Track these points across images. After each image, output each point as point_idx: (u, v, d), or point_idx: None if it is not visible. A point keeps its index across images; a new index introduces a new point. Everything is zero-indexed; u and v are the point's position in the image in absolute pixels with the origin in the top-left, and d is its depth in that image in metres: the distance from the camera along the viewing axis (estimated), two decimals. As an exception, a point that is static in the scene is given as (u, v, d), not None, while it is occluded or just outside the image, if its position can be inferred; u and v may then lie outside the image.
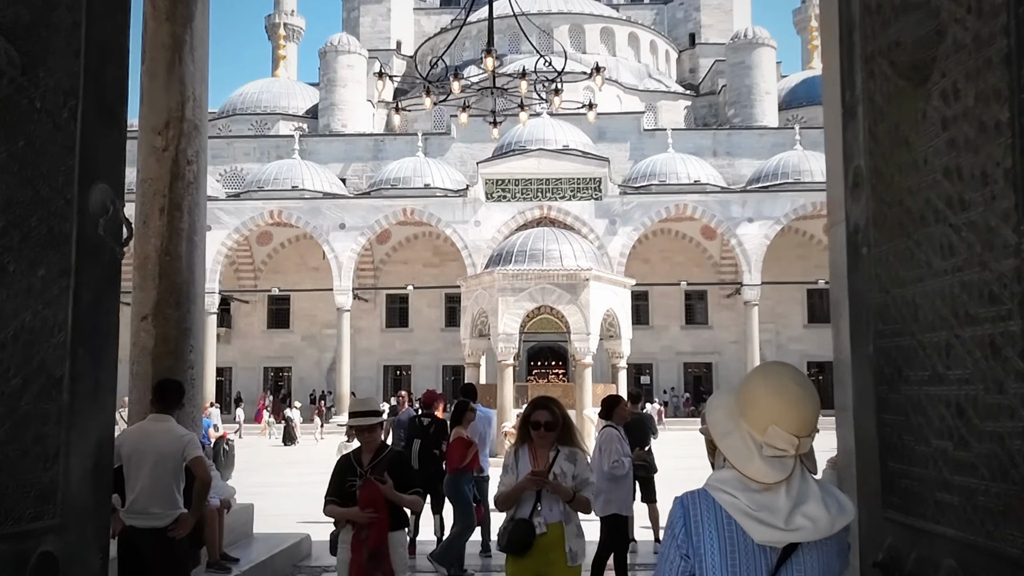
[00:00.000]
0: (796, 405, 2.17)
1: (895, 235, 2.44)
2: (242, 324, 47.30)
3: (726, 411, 2.28)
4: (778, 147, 46.44)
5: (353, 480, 5.14)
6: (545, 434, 4.77)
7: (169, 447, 5.49)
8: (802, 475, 2.19)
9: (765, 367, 2.30)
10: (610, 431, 8.07)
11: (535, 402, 4.99)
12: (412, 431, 9.46)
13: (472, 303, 23.81)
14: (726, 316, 46.08)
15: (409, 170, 43.87)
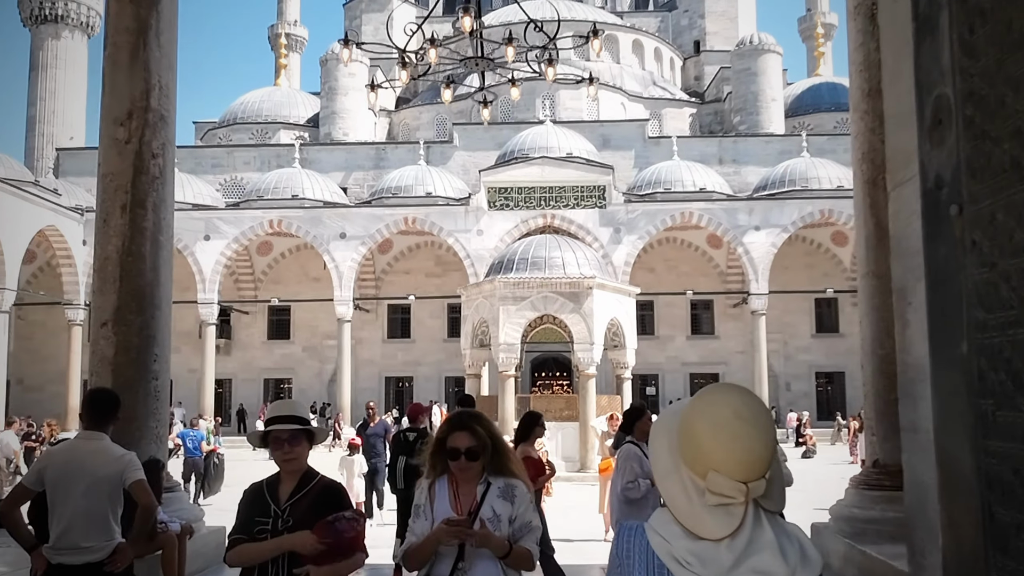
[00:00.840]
0: (741, 446, 1.74)
1: (1006, 183, 1.74)
2: (242, 335, 46.71)
3: (667, 445, 1.86)
4: (785, 154, 45.84)
5: (264, 524, 3.73)
6: (467, 464, 3.59)
7: (104, 469, 4.77)
8: (755, 519, 1.77)
9: (704, 395, 1.83)
10: (629, 447, 7.23)
11: (451, 420, 3.75)
12: (397, 447, 8.77)
13: (472, 312, 23.18)
14: (733, 326, 45.39)
15: (411, 178, 43.32)
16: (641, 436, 7.34)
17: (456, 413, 3.81)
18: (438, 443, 3.68)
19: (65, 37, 51.82)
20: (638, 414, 7.57)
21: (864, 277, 6.97)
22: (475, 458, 3.58)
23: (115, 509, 4.83)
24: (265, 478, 3.97)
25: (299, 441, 3.84)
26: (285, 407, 3.97)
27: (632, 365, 23.59)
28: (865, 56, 7.00)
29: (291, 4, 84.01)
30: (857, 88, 7.09)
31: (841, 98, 53.44)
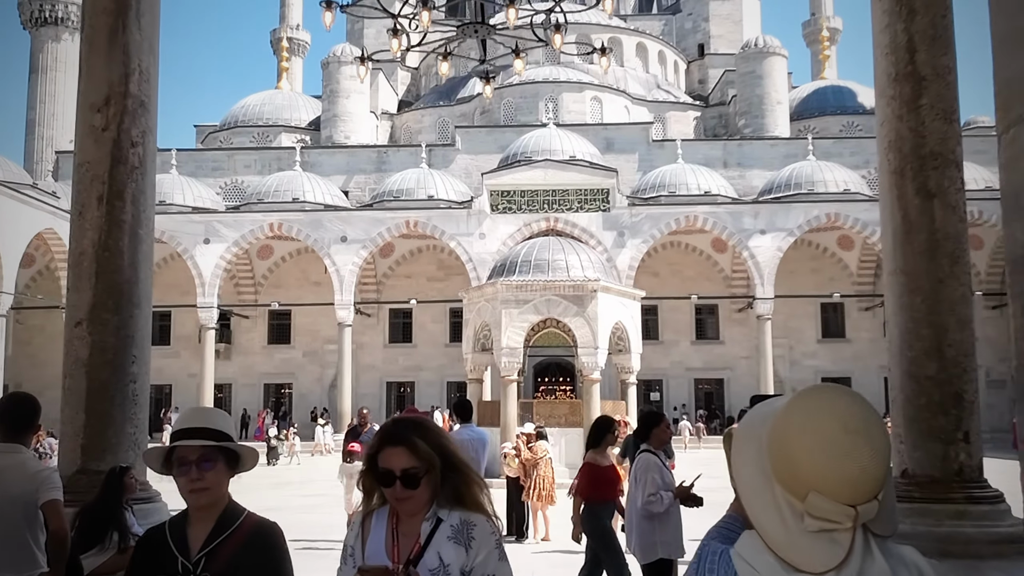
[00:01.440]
0: (850, 464, 1.43)
1: None
2: (242, 340, 46.30)
3: (756, 458, 1.53)
4: (790, 158, 45.41)
5: None
6: (404, 493, 2.61)
7: (19, 487, 4.17)
8: (864, 548, 1.49)
9: (802, 401, 1.49)
10: (648, 457, 6.60)
11: (384, 432, 2.72)
12: None
13: (474, 316, 22.73)
14: (738, 331, 44.91)
15: (412, 182, 42.91)
16: (658, 444, 6.80)
17: (392, 421, 2.76)
18: (369, 462, 2.67)
19: (65, 40, 51.51)
20: (655, 420, 6.97)
21: (891, 275, 6.52)
22: (415, 484, 2.58)
23: (35, 533, 4.22)
24: (169, 518, 2.91)
25: (213, 464, 2.68)
26: (196, 416, 2.80)
27: (637, 370, 23.13)
28: (892, 38, 6.55)
29: (293, 8, 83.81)
30: (883, 72, 6.65)
31: (847, 101, 53.07)
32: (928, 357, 6.27)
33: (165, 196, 42.58)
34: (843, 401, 1.46)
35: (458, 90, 55.08)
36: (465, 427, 8.59)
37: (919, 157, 6.38)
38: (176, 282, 44.20)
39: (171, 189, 42.83)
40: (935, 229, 6.30)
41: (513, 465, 12.06)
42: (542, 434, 12.45)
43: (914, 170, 6.39)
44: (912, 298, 6.33)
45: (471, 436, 8.39)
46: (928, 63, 6.40)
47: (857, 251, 44.34)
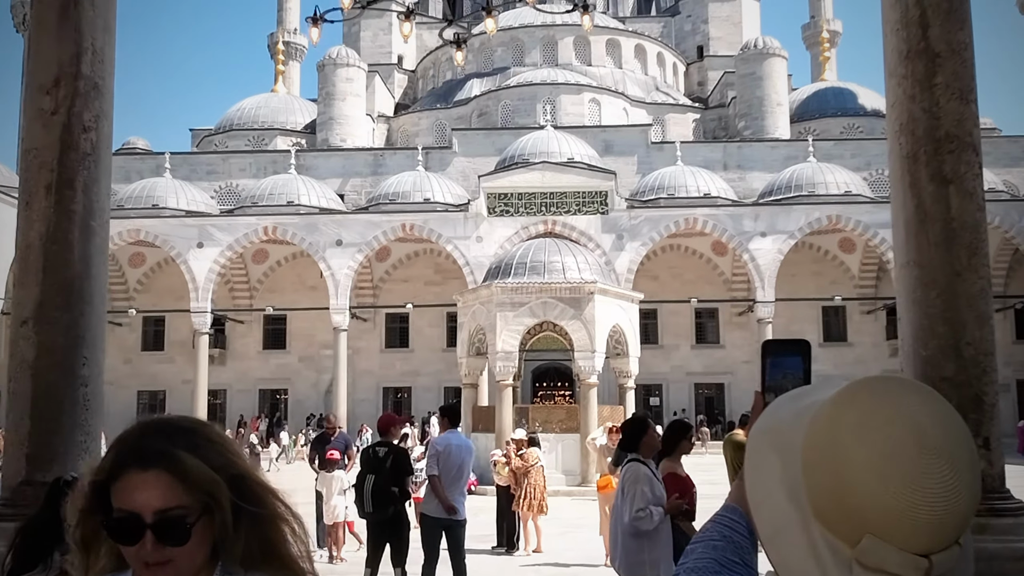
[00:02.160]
0: (929, 496, 0.94)
1: None
2: (237, 345, 45.79)
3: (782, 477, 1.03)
4: (791, 160, 44.93)
5: None
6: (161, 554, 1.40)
7: None
8: None
9: (860, 398, 0.98)
10: (637, 467, 5.94)
11: (125, 444, 1.45)
12: (365, 465, 7.75)
13: (469, 319, 22.25)
14: (738, 335, 44.39)
15: (409, 184, 42.43)
16: (648, 452, 6.16)
17: (138, 426, 1.50)
18: (92, 499, 1.45)
19: (59, 43, 51.01)
20: (642, 427, 6.34)
21: (903, 268, 6.03)
22: (181, 536, 1.41)
23: None
24: None
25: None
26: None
27: (635, 374, 22.65)
28: (903, 13, 6.06)
29: (291, 12, 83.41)
30: (893, 50, 6.16)
31: (848, 103, 52.64)
32: (944, 357, 5.77)
33: (158, 200, 42.18)
34: (916, 402, 0.96)
35: (455, 92, 54.65)
36: (452, 432, 8.05)
37: (934, 140, 5.89)
38: (170, 287, 43.76)
39: (164, 193, 42.40)
40: (951, 218, 5.81)
41: (503, 473, 11.53)
42: (534, 440, 11.90)
43: (928, 154, 5.89)
44: (926, 293, 5.84)
45: (458, 443, 7.86)
46: (942, 39, 5.91)
47: (859, 254, 43.86)
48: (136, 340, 45.97)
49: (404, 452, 7.65)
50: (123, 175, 46.80)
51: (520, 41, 55.46)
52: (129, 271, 45.54)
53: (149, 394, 46.00)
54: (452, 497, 7.45)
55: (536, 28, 55.24)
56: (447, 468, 7.58)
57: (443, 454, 7.69)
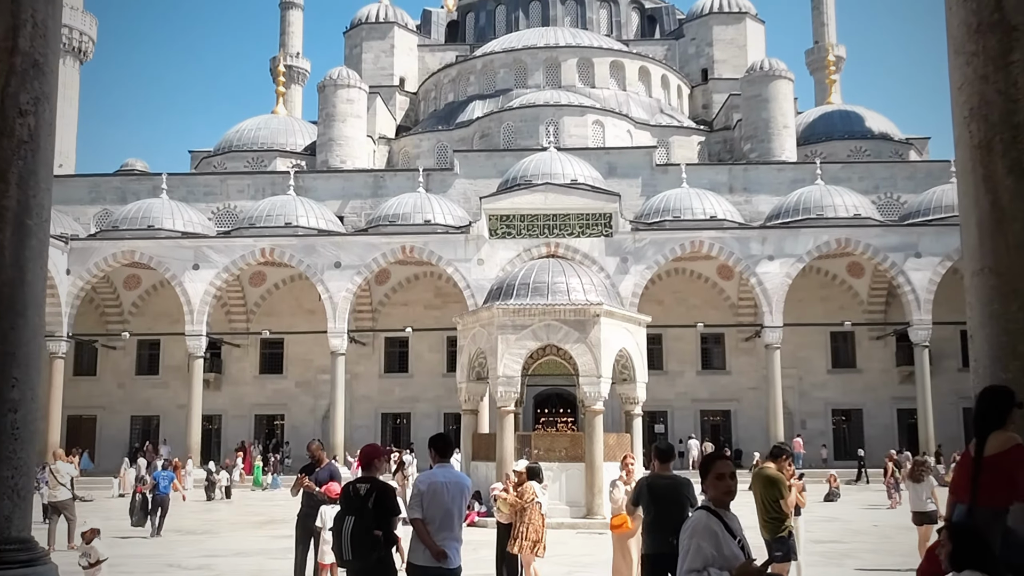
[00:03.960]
0: None
1: None
2: (233, 369, 44.83)
3: None
4: (797, 183, 44.18)
5: None
6: None
7: None
8: None
9: None
10: (701, 517, 4.67)
11: None
12: (345, 504, 6.76)
13: (469, 342, 21.33)
14: (745, 361, 43.43)
15: (409, 206, 41.63)
16: (721, 496, 4.75)
17: None
18: None
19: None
20: (709, 463, 4.86)
21: (977, 275, 5.14)
22: None
23: None
24: None
25: None
26: None
27: (643, 400, 21.67)
28: (971, -20, 5.20)
29: (293, 36, 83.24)
30: (960, 23, 5.31)
31: (855, 126, 51.98)
32: (1029, 380, 4.86)
33: (154, 221, 41.42)
34: None
35: (457, 114, 54.02)
36: (441, 467, 7.02)
37: (1012, 126, 5.01)
38: (166, 310, 42.93)
39: (160, 214, 41.65)
40: (1034, 216, 4.92)
41: (504, 510, 10.55)
42: (535, 472, 10.87)
43: (1005, 143, 5.02)
44: (1006, 305, 4.94)
45: (445, 479, 6.80)
46: (1019, 9, 5.05)
47: (868, 278, 42.97)
48: (130, 364, 45.06)
49: (389, 489, 6.61)
50: (120, 196, 46.16)
51: (523, 63, 54.91)
52: (124, 293, 44.70)
53: (143, 419, 45.02)
54: (443, 543, 6.45)
55: (539, 50, 54.71)
56: (433, 509, 6.54)
57: (427, 494, 6.64)
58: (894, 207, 44.41)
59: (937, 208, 40.73)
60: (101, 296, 44.30)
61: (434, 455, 7.02)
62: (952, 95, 5.47)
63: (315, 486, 10.91)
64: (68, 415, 41.84)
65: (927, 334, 38.65)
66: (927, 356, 38.88)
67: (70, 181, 47.71)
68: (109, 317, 44.74)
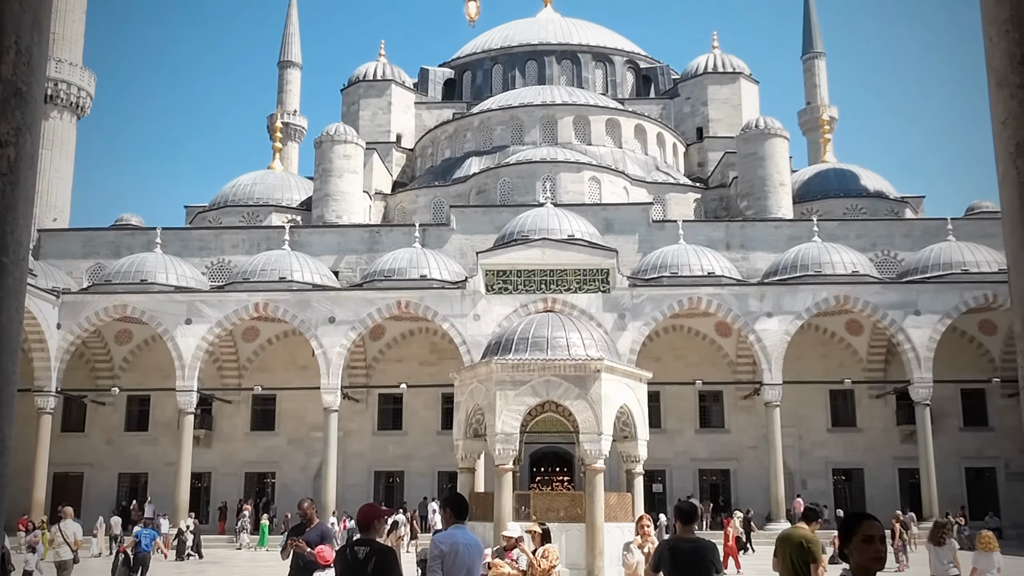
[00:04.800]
0: None
1: None
2: (224, 426, 44.08)
3: None
4: (794, 240, 44.08)
5: None
6: None
7: None
8: None
9: None
10: None
11: None
12: (343, 570, 6.23)
13: (466, 398, 20.84)
14: (744, 419, 42.87)
15: (405, 261, 41.34)
16: (866, 563, 4.01)
17: None
18: None
19: (54, 117, 50.61)
20: (853, 524, 4.08)
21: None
22: None
23: None
24: None
25: None
26: None
27: (644, 459, 21.15)
28: (1014, 10, 4.90)
29: (291, 95, 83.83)
30: (1003, 55, 4.97)
31: (850, 184, 52.14)
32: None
33: (147, 275, 41.06)
34: None
35: (454, 170, 54.09)
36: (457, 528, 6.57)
37: (1062, 163, 4.66)
38: (157, 365, 42.34)
39: (153, 268, 41.30)
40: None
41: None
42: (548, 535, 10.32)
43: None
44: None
45: (466, 541, 6.38)
46: (1066, 39, 4.73)
47: (867, 336, 42.65)
48: (120, 420, 44.31)
49: (391, 553, 6.11)
50: (114, 250, 45.85)
51: (520, 120, 55.16)
52: (115, 348, 44.13)
53: (131, 476, 44.13)
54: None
55: (536, 107, 55.01)
56: (454, 572, 6.13)
57: (448, 555, 6.22)
58: (892, 265, 44.29)
59: (935, 266, 40.58)
60: (92, 351, 43.72)
61: (450, 515, 6.58)
62: (995, 131, 5.13)
63: (306, 546, 10.35)
64: (54, 472, 40.99)
65: (928, 392, 38.22)
66: (928, 415, 38.39)
67: (64, 235, 47.45)
68: (99, 372, 44.11)
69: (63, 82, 50.62)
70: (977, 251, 41.01)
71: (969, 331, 42.49)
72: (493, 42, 65.62)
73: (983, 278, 39.54)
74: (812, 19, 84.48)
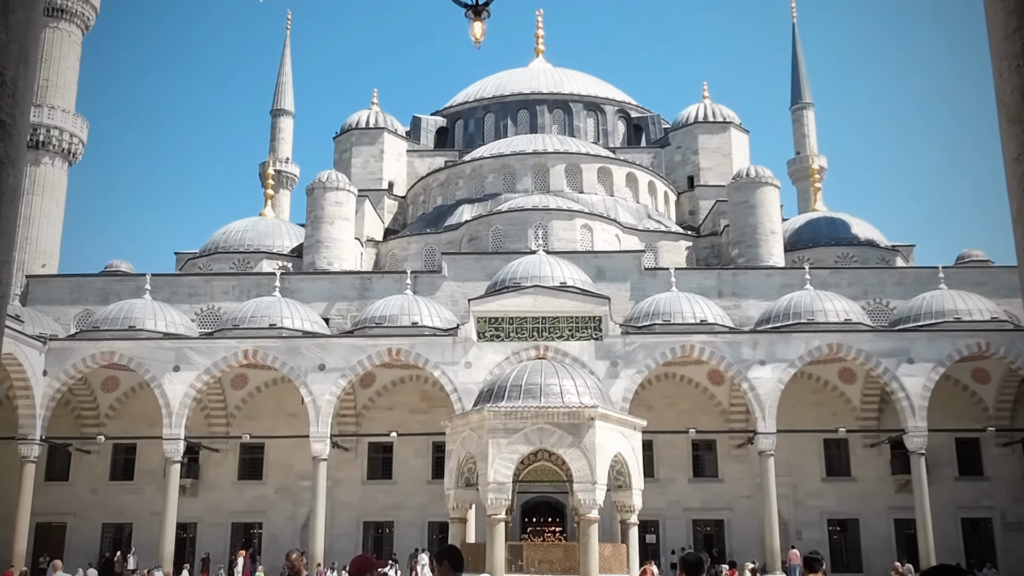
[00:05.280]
0: None
1: None
2: (211, 475, 43.40)
3: None
4: (786, 288, 44.05)
5: None
6: None
7: None
8: None
9: None
10: None
11: None
12: None
13: (458, 447, 20.55)
14: (737, 468, 42.44)
15: (396, 308, 41.11)
16: None
17: None
18: None
19: (45, 164, 50.59)
20: None
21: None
22: None
23: None
24: None
25: None
26: None
27: (639, 508, 20.81)
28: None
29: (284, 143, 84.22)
30: (1015, 90, 4.89)
31: (841, 233, 52.28)
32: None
33: (135, 322, 40.70)
34: None
35: (446, 218, 54.10)
36: None
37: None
38: (144, 413, 41.83)
39: (142, 315, 40.96)
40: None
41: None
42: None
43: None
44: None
45: None
46: (1080, 73, 4.64)
47: (860, 384, 42.46)
48: (105, 469, 43.60)
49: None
50: (103, 297, 45.51)
51: (512, 168, 55.35)
52: (101, 396, 43.59)
53: (115, 527, 43.31)
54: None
55: (528, 155, 55.23)
56: None
57: None
58: (884, 313, 44.24)
59: (928, 314, 40.53)
60: (78, 398, 43.18)
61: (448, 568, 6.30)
62: (1007, 167, 5.02)
63: None
64: (37, 522, 40.22)
65: (923, 441, 37.94)
66: (924, 464, 38.05)
67: (52, 281, 47.14)
68: (85, 420, 43.52)
69: (55, 128, 50.66)
70: (969, 299, 41.01)
71: (962, 380, 42.34)
72: (485, 91, 66.09)
73: (976, 326, 39.49)
74: (800, 70, 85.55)
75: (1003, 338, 38.94)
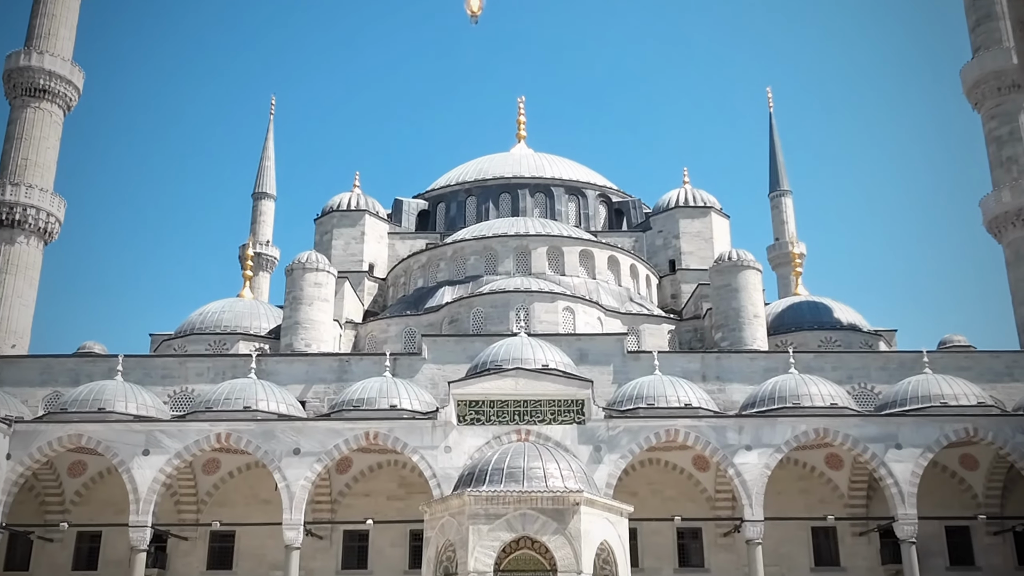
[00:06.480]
0: None
1: None
2: (179, 564, 41.68)
3: None
4: (770, 372, 43.56)
5: None
6: None
7: None
8: None
9: None
10: None
11: None
12: None
13: (437, 533, 19.60)
14: (724, 557, 41.23)
15: (374, 391, 40.22)
16: None
17: None
18: None
19: (20, 243, 49.94)
20: None
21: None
22: None
23: None
24: None
25: None
26: None
27: (626, 600, 19.81)
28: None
29: (264, 225, 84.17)
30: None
31: (823, 316, 52.10)
32: None
33: (105, 404, 39.57)
34: None
35: (426, 300, 53.61)
36: None
37: None
38: (111, 499, 40.39)
39: (112, 396, 39.82)
40: None
41: None
42: None
43: None
44: None
45: None
46: None
47: (847, 470, 41.68)
48: (67, 558, 41.76)
49: None
50: (73, 378, 44.35)
51: (493, 250, 55.16)
52: (67, 481, 42.07)
53: (75, 622, 41.33)
54: None
55: (509, 238, 55.13)
56: None
57: None
58: (869, 398, 43.75)
59: (914, 399, 40.05)
60: (42, 483, 41.65)
61: None
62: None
63: None
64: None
65: (913, 529, 37.03)
66: (915, 553, 37.07)
67: (21, 362, 46.01)
68: (49, 506, 41.92)
69: (32, 207, 50.17)
70: (955, 384, 40.62)
71: (950, 466, 41.71)
72: (467, 175, 66.41)
73: (963, 411, 39.01)
74: (778, 158, 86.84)
75: (990, 423, 38.45)
